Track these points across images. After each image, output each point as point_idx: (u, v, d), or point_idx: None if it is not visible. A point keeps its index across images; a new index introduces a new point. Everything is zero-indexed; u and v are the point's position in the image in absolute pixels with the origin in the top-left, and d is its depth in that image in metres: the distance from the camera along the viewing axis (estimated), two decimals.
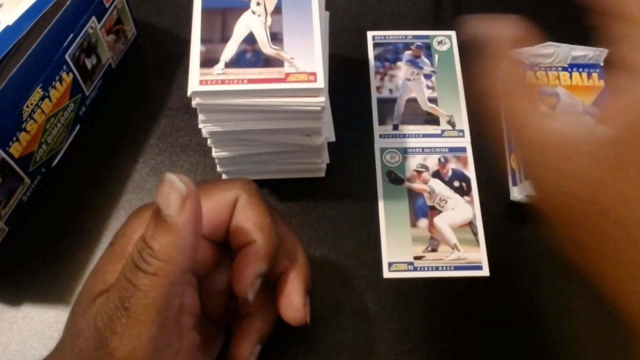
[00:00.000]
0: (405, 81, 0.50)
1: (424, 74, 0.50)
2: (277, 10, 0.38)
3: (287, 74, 0.35)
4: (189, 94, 0.35)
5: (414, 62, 0.51)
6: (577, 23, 0.54)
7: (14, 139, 0.38)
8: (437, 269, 0.42)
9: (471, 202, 0.44)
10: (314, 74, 0.35)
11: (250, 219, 0.32)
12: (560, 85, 0.47)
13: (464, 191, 0.45)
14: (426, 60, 0.51)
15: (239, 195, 0.32)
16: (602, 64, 0.49)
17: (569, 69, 0.48)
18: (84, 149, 0.46)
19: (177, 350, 0.29)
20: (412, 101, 0.49)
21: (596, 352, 0.40)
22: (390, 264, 0.42)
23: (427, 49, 0.51)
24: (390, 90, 0.49)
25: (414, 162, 0.46)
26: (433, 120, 0.48)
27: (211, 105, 0.36)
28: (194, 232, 0.27)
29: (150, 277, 0.26)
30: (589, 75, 0.48)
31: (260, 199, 0.33)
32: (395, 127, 0.47)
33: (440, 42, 0.52)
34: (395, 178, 0.45)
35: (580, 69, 0.48)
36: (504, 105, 0.25)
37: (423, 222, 0.43)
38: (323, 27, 0.39)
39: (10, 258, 0.42)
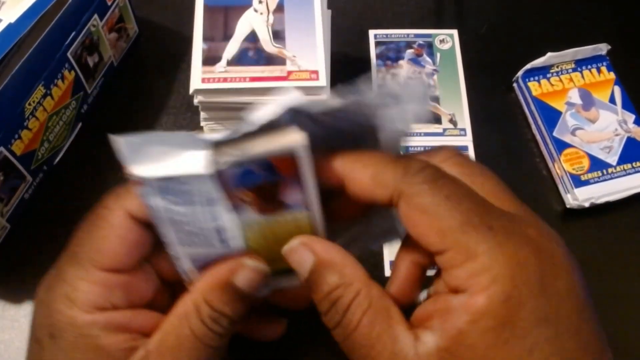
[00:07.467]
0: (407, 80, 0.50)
1: (425, 73, 0.50)
2: (280, 8, 0.38)
3: (289, 72, 0.35)
4: (191, 91, 0.35)
5: (415, 61, 0.51)
6: (575, 24, 0.54)
7: (16, 136, 0.38)
8: None
9: None
10: (316, 72, 0.35)
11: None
12: (576, 86, 0.47)
13: None
14: (428, 59, 0.51)
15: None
16: (606, 55, 0.49)
17: (578, 68, 0.48)
18: (85, 146, 0.46)
19: None
20: None
21: None
22: (392, 263, 0.42)
23: (429, 47, 0.51)
24: None
25: None
26: (435, 118, 0.48)
27: (213, 103, 0.36)
28: None
29: None
30: (599, 70, 0.48)
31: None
32: None
33: (442, 41, 0.52)
34: None
35: (589, 66, 0.48)
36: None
37: None
38: (325, 25, 0.39)
39: (12, 256, 0.42)
